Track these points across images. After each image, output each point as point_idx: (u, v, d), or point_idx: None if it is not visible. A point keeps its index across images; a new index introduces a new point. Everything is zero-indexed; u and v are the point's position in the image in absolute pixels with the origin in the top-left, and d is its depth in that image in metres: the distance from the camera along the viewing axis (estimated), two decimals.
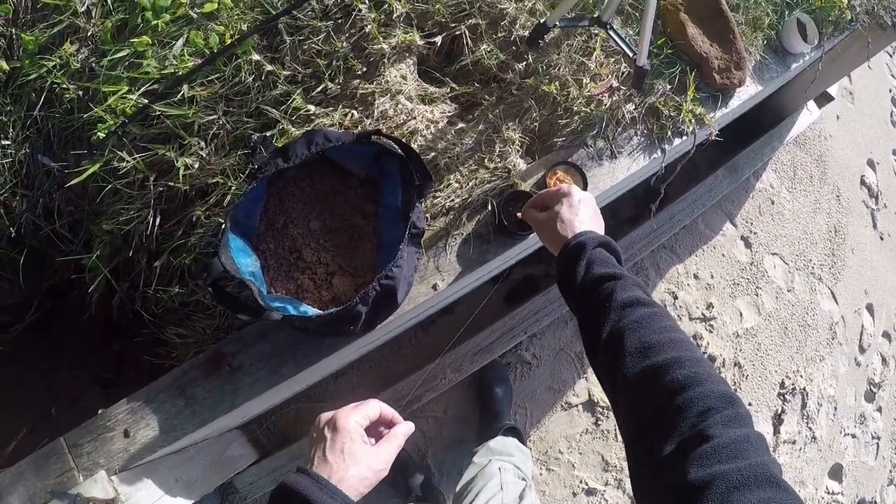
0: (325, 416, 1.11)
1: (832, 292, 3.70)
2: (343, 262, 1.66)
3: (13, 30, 1.93)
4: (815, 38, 2.31)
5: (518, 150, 1.88)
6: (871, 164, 4.17)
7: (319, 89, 1.87)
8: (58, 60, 1.89)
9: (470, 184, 1.81)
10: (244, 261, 1.57)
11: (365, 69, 1.89)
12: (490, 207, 1.80)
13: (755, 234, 3.54)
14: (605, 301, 1.14)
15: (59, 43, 1.91)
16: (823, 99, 3.44)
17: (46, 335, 2.50)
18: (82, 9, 1.89)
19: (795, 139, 3.53)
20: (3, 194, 1.97)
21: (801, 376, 3.44)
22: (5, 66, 1.90)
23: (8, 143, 1.95)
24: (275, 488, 1.01)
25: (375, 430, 1.14)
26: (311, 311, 1.55)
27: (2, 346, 2.21)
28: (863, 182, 4.08)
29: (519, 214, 1.69)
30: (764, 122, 3.17)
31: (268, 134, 1.81)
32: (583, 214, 1.39)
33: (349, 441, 1.06)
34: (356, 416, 1.09)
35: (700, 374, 0.94)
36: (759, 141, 3.12)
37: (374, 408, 1.13)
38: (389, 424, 1.14)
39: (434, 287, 1.72)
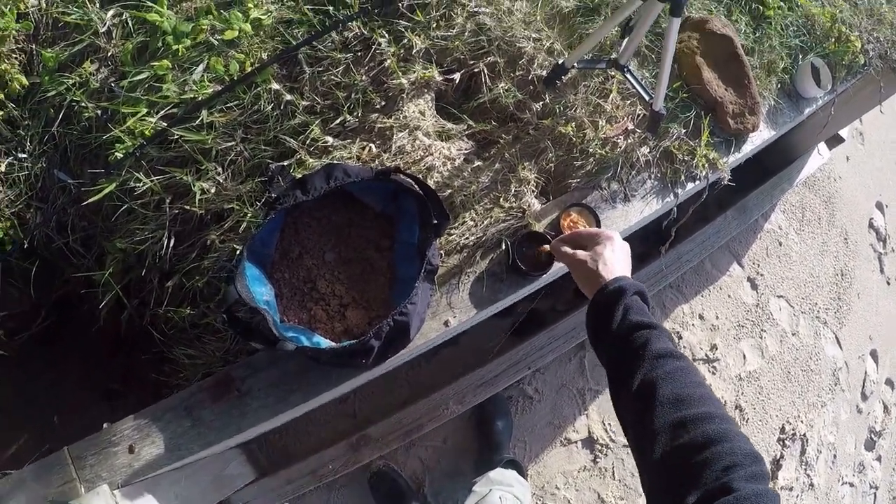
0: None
1: (837, 337, 3.71)
2: (356, 295, 1.69)
3: (34, 46, 1.98)
4: (829, 82, 2.34)
5: (533, 191, 1.91)
6: (879, 206, 4.19)
7: (338, 121, 1.90)
8: (77, 78, 1.92)
9: (485, 222, 1.84)
10: (259, 289, 1.59)
11: (383, 103, 1.93)
12: (504, 247, 1.82)
13: (762, 275, 3.56)
14: (639, 349, 1.16)
15: (80, 61, 1.95)
16: (834, 140, 3.46)
17: (52, 345, 2.52)
18: (103, 29, 1.93)
19: (805, 180, 3.56)
20: (17, 206, 2.00)
21: (802, 422, 3.44)
22: (25, 81, 1.94)
23: (25, 156, 1.99)
24: None
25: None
26: (325, 342, 1.58)
27: (7, 353, 2.19)
28: (871, 225, 4.10)
29: (545, 248, 1.72)
30: (774, 163, 3.20)
31: (285, 163, 1.85)
32: (624, 260, 1.42)
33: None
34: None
35: (729, 431, 0.99)
36: (768, 182, 3.15)
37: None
38: None
39: (446, 323, 1.75)
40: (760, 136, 2.24)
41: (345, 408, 2.59)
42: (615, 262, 1.38)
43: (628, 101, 2.06)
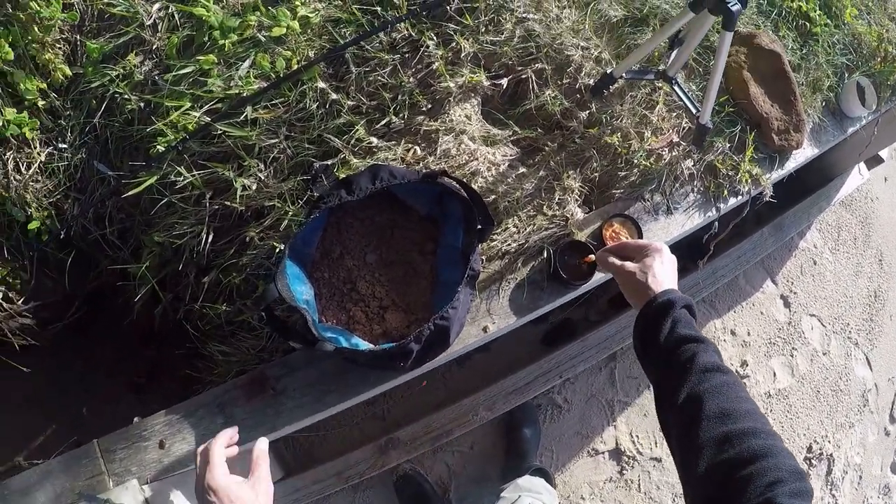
0: (198, 485, 1.22)
1: (867, 358, 3.68)
2: (396, 298, 1.68)
3: (78, 36, 1.98)
4: (874, 102, 2.32)
5: (577, 199, 1.91)
6: None
7: (383, 122, 1.90)
8: (121, 70, 1.92)
9: (527, 229, 1.83)
10: (299, 288, 1.59)
11: (430, 106, 1.92)
12: (545, 255, 1.82)
13: (795, 293, 3.54)
14: (686, 362, 1.17)
15: (124, 53, 1.95)
16: (874, 161, 3.42)
17: (85, 335, 2.53)
18: (149, 22, 1.93)
19: (842, 200, 3.53)
20: (56, 196, 2.01)
21: (830, 442, 3.41)
22: (68, 72, 1.95)
23: (65, 146, 1.99)
24: None
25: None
26: (364, 344, 1.57)
27: (40, 343, 2.22)
28: None
29: (591, 257, 1.72)
30: (812, 180, 3.17)
31: (329, 163, 1.85)
32: (672, 272, 1.41)
33: (232, 494, 1.18)
34: (220, 468, 1.22)
35: (774, 447, 0.99)
36: (806, 200, 3.12)
37: (219, 449, 1.27)
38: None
39: (485, 329, 1.75)
40: (804, 154, 2.23)
41: (374, 410, 2.59)
42: (664, 274, 1.37)
43: (674, 114, 2.05)
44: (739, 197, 2.07)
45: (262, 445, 1.32)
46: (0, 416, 2.47)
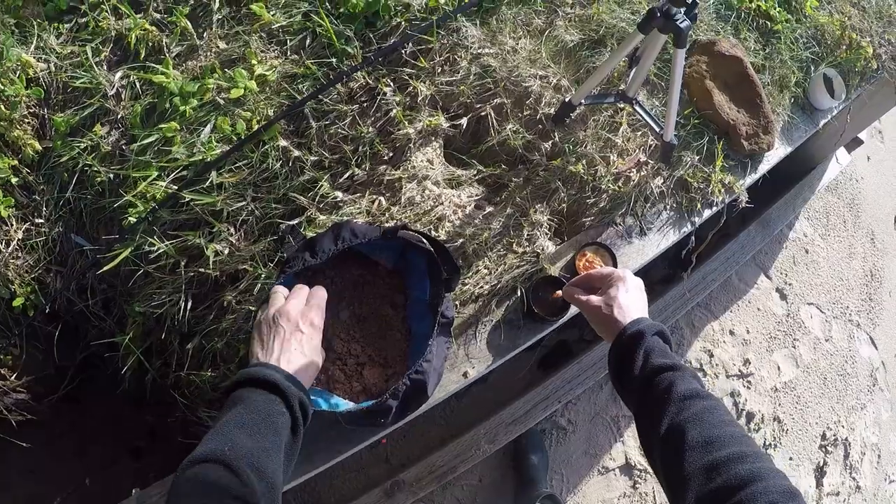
0: (294, 311, 1.29)
1: (871, 338, 3.62)
2: (373, 353, 1.65)
3: (45, 111, 1.98)
4: (843, 92, 2.27)
5: (546, 233, 1.87)
6: None
7: (346, 175, 1.87)
8: (89, 142, 1.92)
9: (499, 269, 1.79)
10: None
11: (391, 154, 1.90)
12: (519, 293, 1.78)
13: (790, 284, 3.48)
14: (664, 392, 1.14)
15: (90, 125, 1.95)
16: (853, 143, 3.35)
17: (79, 402, 2.51)
18: (112, 92, 1.93)
19: (827, 185, 3.47)
20: (37, 271, 2.00)
21: (843, 426, 3.35)
22: (38, 147, 1.95)
23: (42, 221, 1.99)
24: (245, 375, 1.16)
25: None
26: (343, 404, 1.54)
27: (37, 417, 2.21)
28: None
29: (558, 293, 1.67)
30: (793, 172, 3.12)
31: (296, 221, 1.82)
32: (638, 300, 1.38)
33: (302, 324, 1.27)
34: (300, 303, 1.31)
35: (763, 470, 0.96)
36: (790, 193, 3.07)
37: (324, 299, 1.35)
38: None
39: (465, 375, 1.71)
40: (776, 154, 2.18)
41: (377, 452, 2.55)
42: (629, 303, 1.34)
43: (639, 133, 2.01)
44: (714, 208, 2.03)
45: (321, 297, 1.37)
46: (4, 492, 2.46)
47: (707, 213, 2.01)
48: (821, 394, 3.37)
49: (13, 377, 2.13)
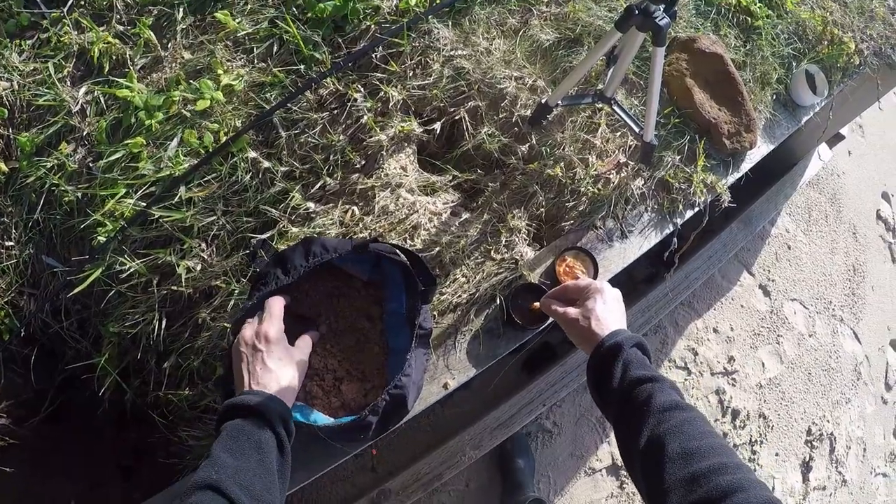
0: (249, 333, 1.29)
1: (854, 332, 3.54)
2: (350, 367, 1.55)
3: (10, 131, 1.89)
4: (825, 88, 2.18)
5: (525, 239, 1.77)
6: (885, 197, 4.01)
7: (318, 185, 1.78)
8: (55, 161, 1.84)
9: (477, 277, 1.69)
10: None
11: (363, 162, 1.80)
12: (498, 302, 1.68)
13: (773, 281, 3.40)
14: (643, 405, 1.11)
15: (56, 143, 1.87)
16: (835, 139, 3.28)
17: (61, 423, 2.41)
18: (76, 108, 1.85)
19: (808, 181, 3.39)
20: (10, 294, 1.93)
21: (828, 421, 3.28)
22: (4, 168, 1.87)
23: (12, 244, 1.91)
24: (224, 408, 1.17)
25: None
26: (322, 419, 1.45)
27: (18, 441, 2.14)
28: (879, 216, 3.93)
29: (536, 305, 1.59)
30: (775, 169, 3.03)
31: (268, 234, 1.73)
32: (616, 312, 1.35)
33: (279, 348, 1.28)
34: (278, 324, 1.32)
35: (744, 481, 0.93)
36: (772, 189, 2.98)
37: (279, 309, 1.35)
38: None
39: (445, 386, 1.62)
40: (759, 153, 2.09)
41: (363, 461, 2.45)
42: (607, 315, 1.32)
43: (618, 133, 1.91)
44: (696, 208, 1.94)
45: (311, 334, 1.44)
46: None
47: (689, 214, 1.92)
48: (805, 389, 3.30)
49: None
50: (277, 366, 1.26)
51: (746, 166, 2.05)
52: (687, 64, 2.00)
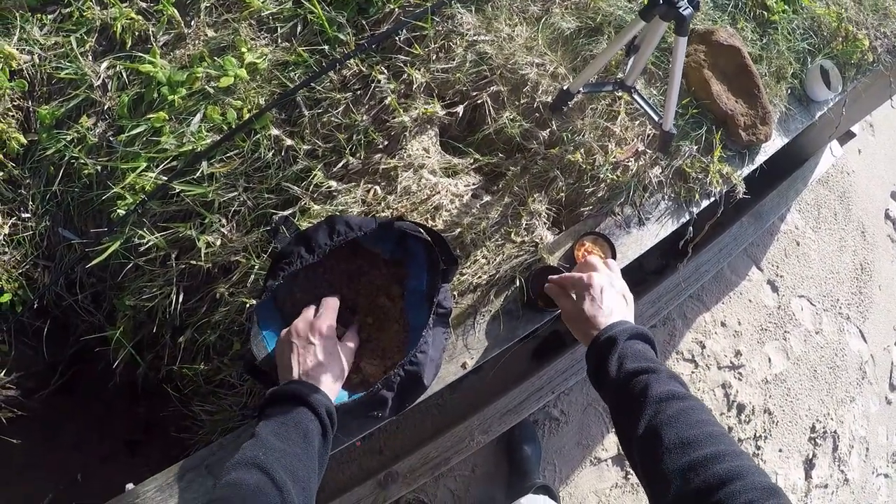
0: (302, 326, 1.38)
1: (860, 331, 3.60)
2: (371, 345, 1.60)
3: (30, 103, 1.93)
4: (839, 84, 2.24)
5: (545, 222, 1.82)
6: (895, 196, 4.07)
7: (341, 164, 1.82)
8: (75, 134, 1.87)
9: (497, 259, 1.74)
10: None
11: (386, 143, 1.84)
12: (518, 283, 1.73)
13: (781, 276, 3.46)
14: (640, 395, 1.14)
15: (76, 116, 1.90)
16: (846, 136, 3.34)
17: (72, 395, 2.47)
18: (97, 82, 1.88)
19: (819, 178, 3.45)
20: (25, 266, 1.97)
21: (832, 419, 3.34)
22: (23, 140, 1.90)
23: (28, 215, 1.94)
24: (271, 394, 1.25)
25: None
26: (340, 395, 1.50)
27: (27, 413, 2.18)
28: (887, 216, 3.99)
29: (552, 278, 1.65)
30: (786, 164, 3.08)
31: (290, 212, 1.77)
32: (607, 304, 1.38)
33: (331, 344, 1.37)
34: (332, 320, 1.42)
35: (742, 468, 0.95)
36: (783, 184, 3.03)
37: (334, 307, 1.45)
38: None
39: (463, 366, 1.66)
40: (773, 146, 2.14)
41: (371, 444, 2.50)
42: (596, 312, 1.36)
43: (637, 122, 1.96)
44: (712, 198, 1.99)
45: (355, 333, 1.51)
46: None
47: (705, 203, 1.97)
48: (811, 386, 3.36)
49: (2, 373, 2.08)
50: (327, 360, 1.34)
51: (761, 159, 2.10)
52: (705, 56, 2.05)
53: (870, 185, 3.96)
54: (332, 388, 1.32)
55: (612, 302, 1.38)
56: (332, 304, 1.45)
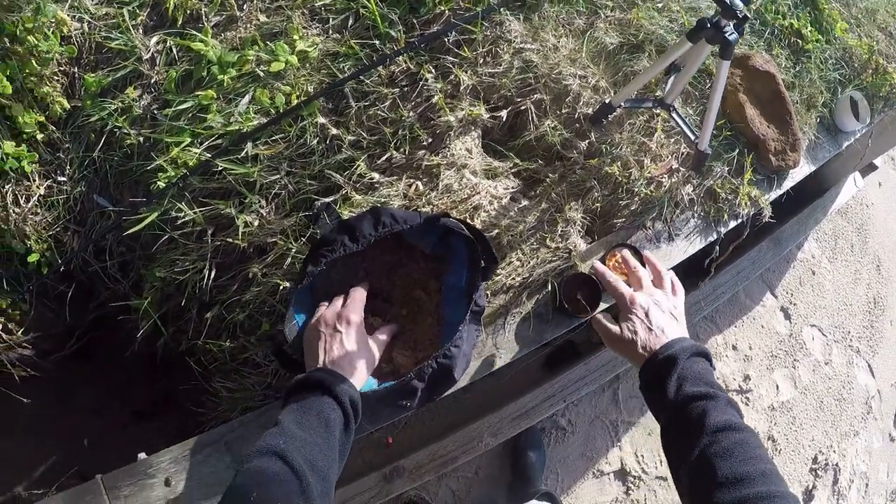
0: (330, 314, 1.44)
1: (869, 365, 3.72)
2: (404, 337, 1.69)
3: (76, 69, 2.00)
4: (867, 116, 2.36)
5: (579, 231, 1.93)
6: None
7: (385, 157, 1.92)
8: (119, 104, 1.95)
9: (531, 262, 1.86)
10: None
11: (430, 140, 1.95)
12: (550, 287, 1.84)
13: (795, 304, 3.58)
14: (697, 421, 1.17)
15: (122, 87, 1.97)
16: (868, 168, 3.45)
17: (87, 361, 2.55)
18: (147, 56, 1.96)
19: (838, 208, 3.57)
20: (55, 228, 2.03)
21: (835, 451, 3.45)
22: (66, 105, 1.97)
23: (64, 179, 2.02)
24: (296, 381, 1.30)
25: None
26: (369, 383, 1.59)
27: (40, 373, 2.24)
28: None
29: (579, 297, 1.77)
30: (808, 192, 3.20)
31: (331, 199, 1.87)
32: (658, 323, 1.40)
33: (358, 332, 1.42)
34: (361, 310, 1.47)
35: None
36: (803, 212, 3.14)
37: (362, 297, 1.51)
38: None
39: (491, 363, 1.77)
40: (801, 172, 2.27)
41: (378, 437, 2.60)
42: (649, 337, 1.39)
43: (672, 140, 2.08)
44: (740, 219, 2.11)
45: (390, 328, 1.58)
46: (7, 446, 2.48)
47: (732, 224, 2.09)
48: (816, 417, 3.47)
49: (20, 332, 2.15)
50: (354, 349, 1.39)
51: (788, 184, 2.23)
52: (741, 80, 2.17)
53: (888, 218, 4.08)
54: (358, 378, 1.36)
55: (662, 320, 1.41)
56: (359, 295, 1.51)
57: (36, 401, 2.29)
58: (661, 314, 1.43)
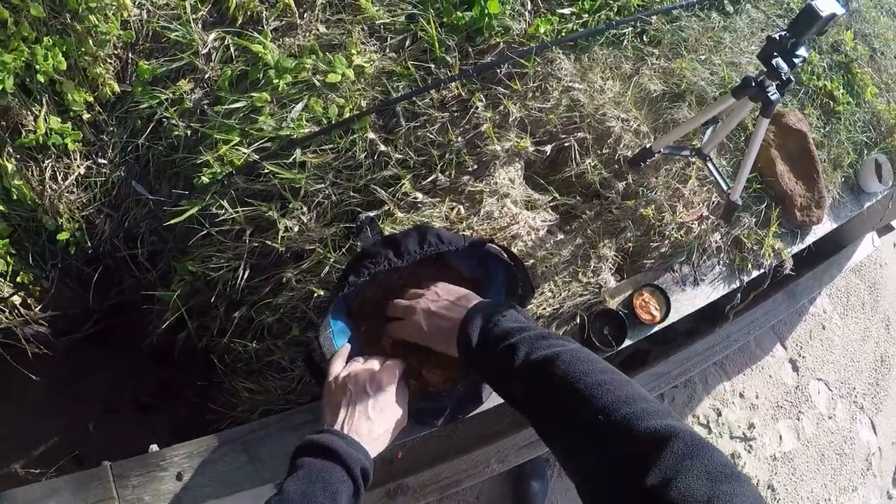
0: (364, 374, 1.44)
1: (872, 422, 3.92)
2: (434, 356, 1.74)
3: (130, 55, 2.12)
4: (890, 178, 2.58)
5: (610, 268, 2.12)
6: None
7: (430, 179, 2.07)
8: (171, 95, 2.07)
9: (562, 294, 2.03)
10: (342, 342, 1.69)
11: (476, 167, 2.11)
12: (578, 320, 2.02)
13: (803, 357, 3.77)
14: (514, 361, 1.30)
15: (175, 78, 2.10)
16: (885, 229, 3.59)
17: (101, 345, 2.68)
18: (203, 51, 2.08)
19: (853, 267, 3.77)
20: (89, 210, 2.14)
21: None
22: (116, 88, 2.09)
23: (105, 162, 2.13)
24: (308, 441, 1.28)
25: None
26: None
27: (52, 352, 2.32)
28: None
29: (606, 332, 1.95)
30: (825, 248, 3.37)
31: (374, 214, 2.00)
32: (448, 297, 1.57)
33: (389, 401, 1.42)
34: (395, 379, 1.46)
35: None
36: (819, 267, 3.33)
37: (400, 369, 1.50)
38: None
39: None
40: (823, 229, 2.48)
41: (384, 453, 2.67)
42: (441, 309, 1.52)
43: (705, 188, 2.27)
44: (762, 270, 2.31)
45: (393, 367, 1.52)
46: (3, 419, 2.61)
47: (755, 274, 2.29)
48: (816, 469, 3.66)
49: (38, 308, 2.24)
50: (377, 417, 1.38)
51: (810, 239, 2.44)
52: (774, 136, 2.38)
53: None
54: (375, 446, 1.36)
55: (452, 298, 1.53)
56: (399, 366, 1.52)
57: (46, 380, 2.38)
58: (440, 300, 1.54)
